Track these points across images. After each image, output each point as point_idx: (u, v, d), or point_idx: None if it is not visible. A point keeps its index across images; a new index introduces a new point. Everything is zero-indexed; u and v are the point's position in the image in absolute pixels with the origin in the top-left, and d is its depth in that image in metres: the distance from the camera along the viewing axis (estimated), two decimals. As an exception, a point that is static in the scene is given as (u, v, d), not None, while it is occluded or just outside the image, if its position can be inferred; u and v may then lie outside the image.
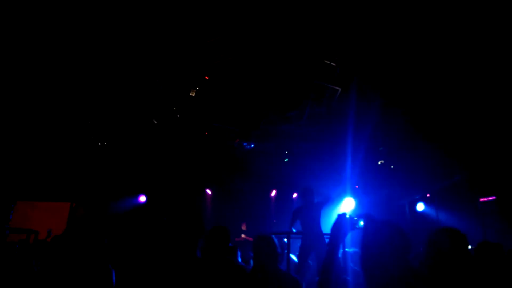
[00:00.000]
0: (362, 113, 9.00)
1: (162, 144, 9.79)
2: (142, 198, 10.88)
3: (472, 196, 7.46)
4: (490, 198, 7.43)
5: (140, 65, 7.04)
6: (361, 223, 2.25)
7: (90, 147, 10.14)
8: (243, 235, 10.16)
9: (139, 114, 8.28)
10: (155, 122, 8.18)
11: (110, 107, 8.05)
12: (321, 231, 6.25)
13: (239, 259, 5.88)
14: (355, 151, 9.43)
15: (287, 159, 10.37)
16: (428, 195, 9.86)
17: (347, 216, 2.22)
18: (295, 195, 11.20)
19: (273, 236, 3.34)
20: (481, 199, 7.53)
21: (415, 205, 10.10)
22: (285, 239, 7.56)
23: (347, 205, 10.05)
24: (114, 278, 3.61)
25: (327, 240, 6.25)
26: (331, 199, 6.74)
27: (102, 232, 4.06)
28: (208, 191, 11.66)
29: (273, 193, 11.55)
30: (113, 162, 10.27)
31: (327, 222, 6.06)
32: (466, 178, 7.76)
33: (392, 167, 9.59)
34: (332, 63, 8.19)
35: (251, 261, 6.91)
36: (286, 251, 6.14)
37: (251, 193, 11.30)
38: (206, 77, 7.87)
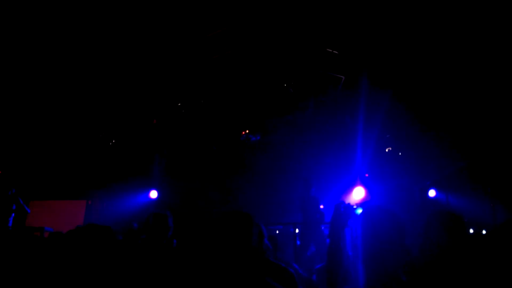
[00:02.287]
0: (369, 101, 8.90)
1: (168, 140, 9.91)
2: (154, 194, 10.99)
3: (482, 180, 7.31)
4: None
5: (142, 61, 7.11)
6: (359, 211, 2.25)
7: (100, 144, 10.33)
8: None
9: (143, 110, 8.37)
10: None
11: (115, 104, 8.16)
12: (318, 220, 6.28)
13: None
14: (362, 139, 9.33)
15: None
16: (438, 181, 9.71)
17: (345, 204, 2.23)
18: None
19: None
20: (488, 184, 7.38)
21: (426, 191, 9.96)
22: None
23: (357, 194, 9.98)
24: None
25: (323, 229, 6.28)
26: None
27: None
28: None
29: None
30: (122, 157, 10.43)
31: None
32: (475, 162, 7.60)
33: (400, 154, 9.46)
34: (335, 52, 8.11)
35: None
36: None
37: (256, 185, 11.32)
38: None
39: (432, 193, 10.16)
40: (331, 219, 2.19)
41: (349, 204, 2.24)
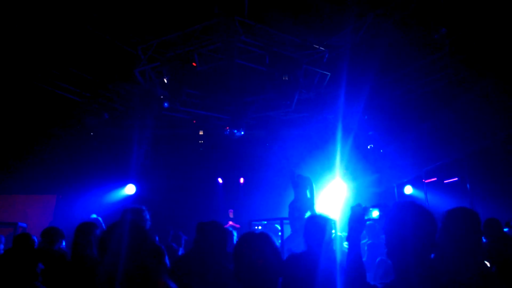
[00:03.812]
0: (351, 97, 9.03)
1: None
2: (131, 189, 10.63)
3: (461, 175, 7.61)
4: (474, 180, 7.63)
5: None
6: (374, 213, 2.22)
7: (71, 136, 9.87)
8: (230, 222, 10.17)
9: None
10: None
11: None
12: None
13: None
14: (344, 135, 9.48)
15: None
16: (415, 177, 10.03)
17: (362, 207, 2.19)
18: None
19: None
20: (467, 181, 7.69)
21: (404, 188, 10.27)
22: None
23: (337, 189, 10.15)
24: None
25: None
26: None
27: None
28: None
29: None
30: (98, 150, 10.02)
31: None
32: (454, 159, 7.90)
33: (381, 151, 9.69)
34: (321, 48, 8.14)
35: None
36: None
37: (239, 180, 11.29)
38: (194, 64, 7.69)
39: (408, 189, 10.51)
40: (348, 221, 2.16)
41: (365, 207, 2.22)
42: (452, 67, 7.54)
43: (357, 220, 2.12)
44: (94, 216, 6.96)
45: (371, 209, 2.33)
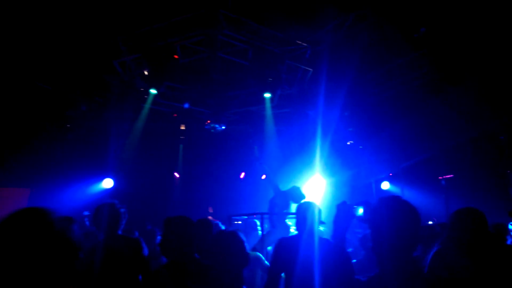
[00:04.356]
0: (332, 94, 9.13)
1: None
2: (108, 183, 10.40)
3: (436, 173, 7.84)
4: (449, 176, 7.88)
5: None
6: (360, 211, 2.24)
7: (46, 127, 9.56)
8: (209, 218, 10.13)
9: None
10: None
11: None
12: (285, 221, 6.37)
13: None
14: (324, 131, 9.59)
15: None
16: (391, 174, 10.26)
17: (347, 204, 2.20)
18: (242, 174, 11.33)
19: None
20: (442, 177, 7.92)
21: (381, 183, 10.49)
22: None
23: (316, 184, 10.26)
24: None
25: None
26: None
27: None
28: (176, 174, 11.45)
29: (242, 175, 11.53)
30: (75, 143, 9.75)
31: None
32: (430, 156, 8.13)
33: (360, 147, 9.86)
34: (304, 44, 8.17)
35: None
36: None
37: (219, 175, 11.22)
38: (176, 56, 7.58)
39: (385, 185, 10.74)
40: (334, 220, 2.18)
41: (351, 204, 2.24)
42: (428, 66, 7.72)
43: (342, 217, 2.13)
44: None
45: (355, 207, 2.34)
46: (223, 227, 5.28)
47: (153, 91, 7.15)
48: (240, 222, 9.13)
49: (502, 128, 6.61)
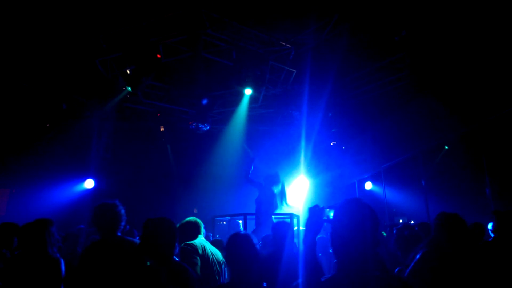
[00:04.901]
0: (316, 95, 9.20)
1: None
2: (90, 183, 10.24)
3: (416, 174, 7.98)
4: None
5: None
6: (332, 214, 2.25)
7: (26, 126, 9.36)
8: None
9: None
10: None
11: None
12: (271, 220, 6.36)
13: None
14: (308, 132, 9.66)
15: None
16: (376, 174, 10.40)
17: (318, 207, 2.21)
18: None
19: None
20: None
21: (364, 184, 10.61)
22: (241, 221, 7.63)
23: (301, 184, 10.32)
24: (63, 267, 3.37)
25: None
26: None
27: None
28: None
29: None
30: (56, 143, 9.57)
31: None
32: (411, 157, 8.27)
33: (343, 147, 9.96)
34: (287, 45, 8.22)
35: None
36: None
37: (204, 175, 11.17)
38: (158, 56, 7.52)
39: (368, 185, 10.88)
40: (305, 223, 2.19)
41: (323, 207, 2.25)
42: (407, 69, 7.87)
43: (314, 221, 2.15)
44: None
45: (327, 210, 2.34)
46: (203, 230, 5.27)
47: (131, 89, 7.04)
48: (224, 223, 9.14)
49: (478, 129, 6.78)
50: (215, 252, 3.63)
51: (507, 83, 6.72)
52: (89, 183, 10.30)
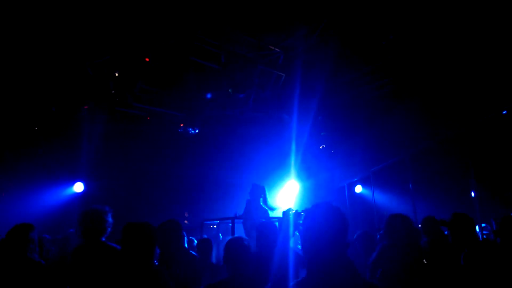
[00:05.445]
0: (305, 98, 9.26)
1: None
2: (79, 187, 10.19)
3: (404, 177, 8.05)
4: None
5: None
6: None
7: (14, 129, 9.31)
8: (185, 222, 10.11)
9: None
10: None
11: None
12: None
13: (185, 245, 5.87)
14: (298, 135, 9.71)
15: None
16: (365, 178, 10.46)
17: (292, 212, 2.24)
18: None
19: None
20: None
21: (354, 187, 10.67)
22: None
23: (290, 188, 10.36)
24: None
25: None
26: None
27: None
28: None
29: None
30: (45, 145, 9.52)
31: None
32: (399, 160, 8.35)
33: (333, 151, 10.02)
34: (276, 49, 8.27)
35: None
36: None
37: (194, 179, 11.15)
38: (147, 59, 7.54)
39: (358, 188, 10.95)
40: (280, 226, 2.23)
41: (297, 211, 2.27)
42: (396, 73, 7.96)
43: (286, 224, 2.18)
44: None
45: (302, 213, 2.36)
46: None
47: (120, 92, 7.04)
48: (215, 226, 9.14)
49: (464, 132, 6.87)
50: None
51: (495, 86, 6.82)
52: (79, 187, 10.26)
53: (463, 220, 3.74)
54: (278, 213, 6.35)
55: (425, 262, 3.58)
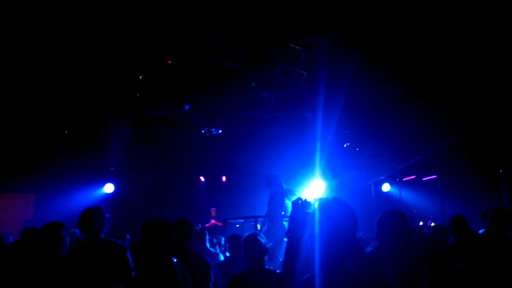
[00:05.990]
0: (329, 96, 9.14)
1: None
2: (109, 188, 10.58)
3: (432, 174, 7.79)
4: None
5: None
6: (316, 205, 2.26)
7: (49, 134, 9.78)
8: (212, 221, 10.21)
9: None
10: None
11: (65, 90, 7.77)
12: (281, 221, 6.37)
13: (207, 244, 5.94)
14: (322, 134, 9.59)
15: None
16: (391, 175, 10.20)
17: (302, 200, 2.22)
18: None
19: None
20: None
21: (380, 185, 10.42)
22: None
23: (315, 187, 10.25)
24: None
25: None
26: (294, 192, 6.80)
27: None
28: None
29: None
30: (75, 148, 9.94)
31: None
32: (426, 157, 8.08)
33: (357, 149, 9.83)
34: (297, 47, 8.20)
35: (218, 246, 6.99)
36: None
37: (219, 180, 11.31)
38: (169, 62, 7.70)
39: (385, 187, 10.68)
40: (289, 215, 2.21)
41: (306, 200, 2.26)
42: (422, 68, 7.70)
43: (296, 213, 2.16)
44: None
45: (312, 202, 2.35)
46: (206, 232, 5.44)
47: (144, 95, 7.25)
48: (238, 226, 9.20)
49: (495, 128, 6.55)
50: None
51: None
52: (109, 188, 10.67)
53: (504, 215, 3.66)
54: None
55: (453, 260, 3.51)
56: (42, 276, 3.69)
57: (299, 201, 2.23)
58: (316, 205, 2.32)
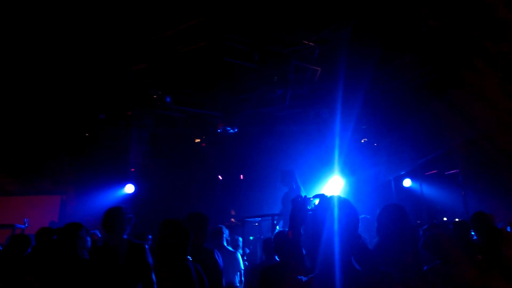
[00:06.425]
0: (346, 91, 9.00)
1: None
2: (130, 188, 10.77)
3: (453, 169, 7.56)
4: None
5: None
6: (316, 202, 2.23)
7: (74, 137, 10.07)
8: (232, 220, 10.27)
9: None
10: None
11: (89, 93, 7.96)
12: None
13: (224, 242, 5.96)
14: (340, 130, 9.46)
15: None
16: (412, 171, 9.97)
17: (303, 197, 2.20)
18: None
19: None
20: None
21: (401, 181, 10.19)
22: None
23: (334, 184, 10.12)
24: None
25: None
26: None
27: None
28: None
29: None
30: (98, 150, 10.19)
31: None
32: (448, 151, 7.85)
33: (375, 144, 9.65)
34: (310, 43, 8.13)
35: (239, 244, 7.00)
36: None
37: (237, 178, 11.34)
38: (184, 62, 7.76)
39: (407, 182, 10.43)
40: (290, 213, 2.19)
41: (305, 196, 2.23)
42: (440, 60, 7.47)
43: (298, 212, 2.14)
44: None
45: (312, 199, 2.32)
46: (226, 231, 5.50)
47: (160, 96, 7.35)
48: (256, 224, 9.23)
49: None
50: None
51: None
52: (130, 188, 10.85)
53: None
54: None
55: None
56: (60, 278, 3.76)
57: (300, 199, 2.21)
58: (316, 202, 2.29)
